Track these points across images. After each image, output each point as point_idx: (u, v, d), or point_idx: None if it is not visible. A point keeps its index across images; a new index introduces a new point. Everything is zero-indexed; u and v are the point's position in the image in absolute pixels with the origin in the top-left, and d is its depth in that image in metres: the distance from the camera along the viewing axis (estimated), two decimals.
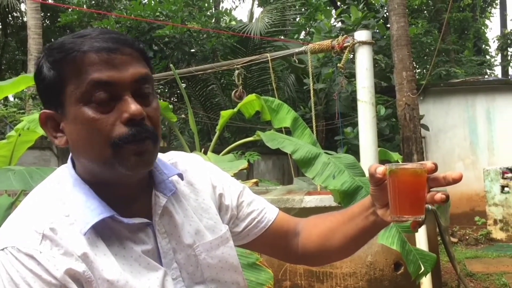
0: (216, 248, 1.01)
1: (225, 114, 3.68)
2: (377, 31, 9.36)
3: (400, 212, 0.90)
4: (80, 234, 0.86)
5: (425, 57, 12.99)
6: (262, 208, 1.15)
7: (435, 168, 0.90)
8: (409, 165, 0.90)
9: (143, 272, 0.90)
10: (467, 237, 7.37)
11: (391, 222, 0.98)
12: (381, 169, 0.93)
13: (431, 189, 0.92)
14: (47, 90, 0.90)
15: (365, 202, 1.04)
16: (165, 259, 0.94)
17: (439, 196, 0.89)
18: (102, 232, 0.88)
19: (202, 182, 1.08)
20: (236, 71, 5.57)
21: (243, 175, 7.50)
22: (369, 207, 1.02)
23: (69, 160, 0.96)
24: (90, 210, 0.87)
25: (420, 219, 0.90)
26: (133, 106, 0.85)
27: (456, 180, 0.90)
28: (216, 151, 4.03)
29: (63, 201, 0.89)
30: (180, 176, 1.02)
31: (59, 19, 11.39)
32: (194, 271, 0.98)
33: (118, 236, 0.90)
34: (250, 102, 3.32)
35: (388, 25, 8.12)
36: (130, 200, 0.94)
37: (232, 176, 1.20)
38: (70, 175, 0.93)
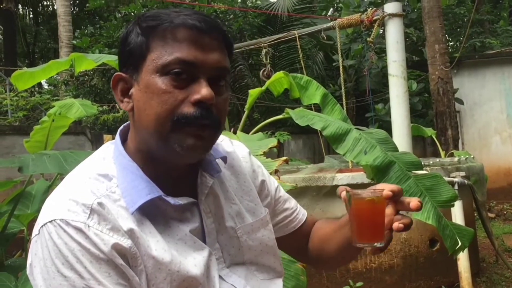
0: (257, 231, 1.02)
1: (254, 92, 3.64)
2: (407, 3, 9.10)
3: (360, 240, 0.89)
4: (126, 211, 0.86)
5: (458, 29, 12.57)
6: (295, 208, 1.17)
7: (394, 194, 0.88)
8: (365, 194, 0.88)
9: (188, 251, 0.90)
10: (505, 212, 7.22)
11: None
12: (344, 194, 0.92)
13: (399, 212, 0.90)
14: (128, 54, 0.90)
15: None
16: (209, 239, 0.95)
17: (396, 225, 0.87)
18: (148, 211, 0.88)
19: (243, 166, 1.09)
20: (264, 50, 5.52)
21: (273, 155, 7.48)
22: None
23: (117, 137, 0.96)
24: (138, 189, 0.88)
25: (379, 245, 0.88)
26: (206, 90, 0.86)
27: (413, 210, 0.88)
28: (245, 131, 4.02)
29: (109, 178, 0.89)
30: (224, 159, 1.02)
31: (87, 5, 11.49)
32: (236, 252, 0.98)
33: (164, 215, 0.90)
34: (279, 80, 3.27)
35: None
36: (177, 180, 0.94)
37: (261, 154, 1.20)
38: (118, 152, 0.93)
